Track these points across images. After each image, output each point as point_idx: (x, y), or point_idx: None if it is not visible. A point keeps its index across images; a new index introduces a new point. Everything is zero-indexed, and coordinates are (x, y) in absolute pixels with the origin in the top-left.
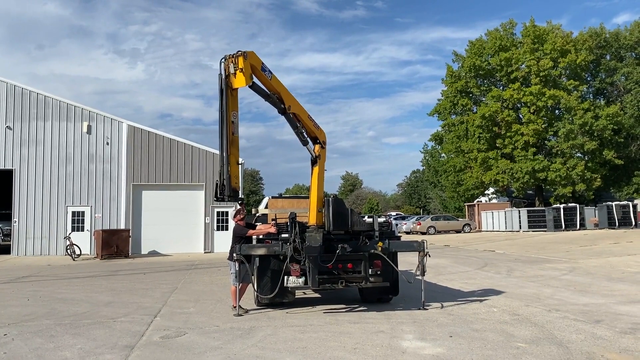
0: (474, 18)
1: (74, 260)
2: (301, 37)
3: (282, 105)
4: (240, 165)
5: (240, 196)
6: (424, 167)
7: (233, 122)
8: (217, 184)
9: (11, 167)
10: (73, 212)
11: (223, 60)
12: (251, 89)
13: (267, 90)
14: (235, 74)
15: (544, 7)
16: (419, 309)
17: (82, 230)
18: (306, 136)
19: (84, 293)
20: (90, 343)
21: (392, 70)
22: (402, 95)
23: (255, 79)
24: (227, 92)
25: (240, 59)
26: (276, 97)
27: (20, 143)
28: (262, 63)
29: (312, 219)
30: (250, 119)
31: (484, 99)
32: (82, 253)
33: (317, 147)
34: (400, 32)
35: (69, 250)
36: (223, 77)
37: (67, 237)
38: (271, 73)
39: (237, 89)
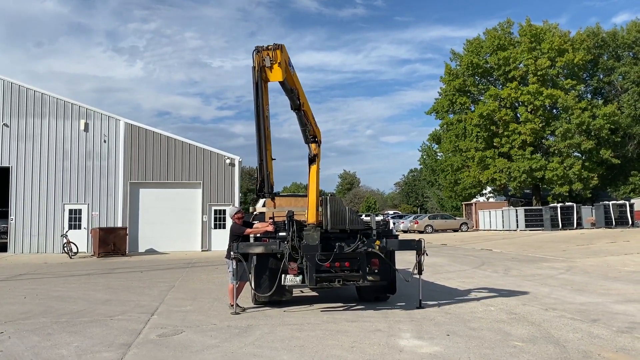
0: (473, 17)
1: (71, 258)
2: (300, 35)
3: (298, 102)
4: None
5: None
6: (422, 166)
7: (267, 116)
8: (257, 180)
9: (8, 165)
10: (70, 210)
11: (255, 52)
12: (279, 83)
13: (289, 86)
14: (271, 67)
15: (543, 6)
16: (417, 307)
17: (79, 228)
18: (310, 134)
19: (81, 291)
20: (87, 341)
21: (391, 68)
22: (401, 93)
23: None
24: (262, 85)
25: (278, 52)
26: (296, 93)
27: (17, 140)
28: (289, 58)
29: (310, 218)
30: (248, 117)
31: (481, 97)
32: (79, 251)
33: (314, 145)
34: (400, 30)
35: (65, 248)
36: (257, 69)
37: (64, 235)
38: (294, 69)
39: (268, 82)
